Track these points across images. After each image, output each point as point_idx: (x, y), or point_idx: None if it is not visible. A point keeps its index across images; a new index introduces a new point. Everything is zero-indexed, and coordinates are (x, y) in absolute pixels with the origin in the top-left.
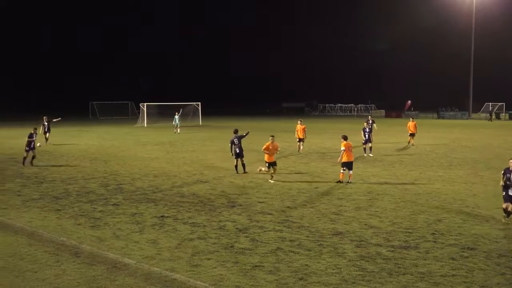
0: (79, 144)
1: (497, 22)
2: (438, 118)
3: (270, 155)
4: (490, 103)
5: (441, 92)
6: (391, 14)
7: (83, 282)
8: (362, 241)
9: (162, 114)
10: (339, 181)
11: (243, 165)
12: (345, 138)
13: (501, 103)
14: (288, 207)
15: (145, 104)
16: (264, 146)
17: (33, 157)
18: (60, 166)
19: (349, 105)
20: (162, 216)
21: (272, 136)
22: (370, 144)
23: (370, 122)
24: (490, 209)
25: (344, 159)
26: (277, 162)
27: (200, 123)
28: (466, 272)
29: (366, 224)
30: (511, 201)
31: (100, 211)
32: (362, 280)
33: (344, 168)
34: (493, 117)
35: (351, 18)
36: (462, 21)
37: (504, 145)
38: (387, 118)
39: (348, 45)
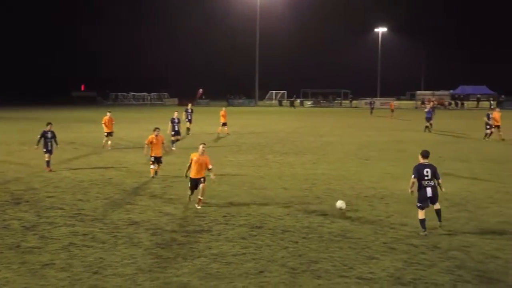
0: None
1: (279, 17)
2: (228, 105)
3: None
4: (274, 91)
5: (229, 80)
6: (183, 6)
7: None
8: (157, 229)
9: None
10: (152, 177)
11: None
12: (155, 130)
13: (283, 91)
14: (80, 200)
15: None
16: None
17: None
18: None
19: (142, 93)
20: None
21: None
22: (179, 137)
23: (190, 111)
24: (274, 190)
25: (152, 153)
26: (72, 158)
27: None
28: (255, 249)
29: (161, 212)
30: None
31: None
32: (158, 267)
33: (152, 161)
34: (295, 104)
35: (138, 8)
36: (248, 14)
37: (287, 129)
38: (180, 106)
39: (139, 34)
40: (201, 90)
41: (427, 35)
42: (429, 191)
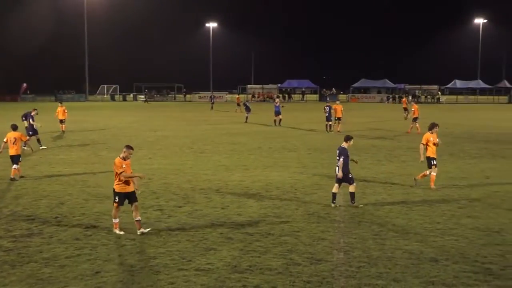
0: None
1: (109, 11)
2: (56, 101)
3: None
4: (106, 86)
5: (58, 75)
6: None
7: None
8: None
9: None
10: (12, 178)
11: None
12: (13, 128)
13: (116, 86)
14: None
15: None
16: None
17: None
18: None
19: None
20: None
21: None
22: (38, 136)
23: (33, 113)
24: (109, 187)
25: (12, 152)
26: None
27: None
28: (90, 249)
29: None
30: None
31: None
32: None
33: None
34: (147, 98)
35: None
36: (76, 5)
37: (119, 125)
38: (1, 102)
39: None
40: (25, 85)
41: (256, 31)
42: (336, 169)
